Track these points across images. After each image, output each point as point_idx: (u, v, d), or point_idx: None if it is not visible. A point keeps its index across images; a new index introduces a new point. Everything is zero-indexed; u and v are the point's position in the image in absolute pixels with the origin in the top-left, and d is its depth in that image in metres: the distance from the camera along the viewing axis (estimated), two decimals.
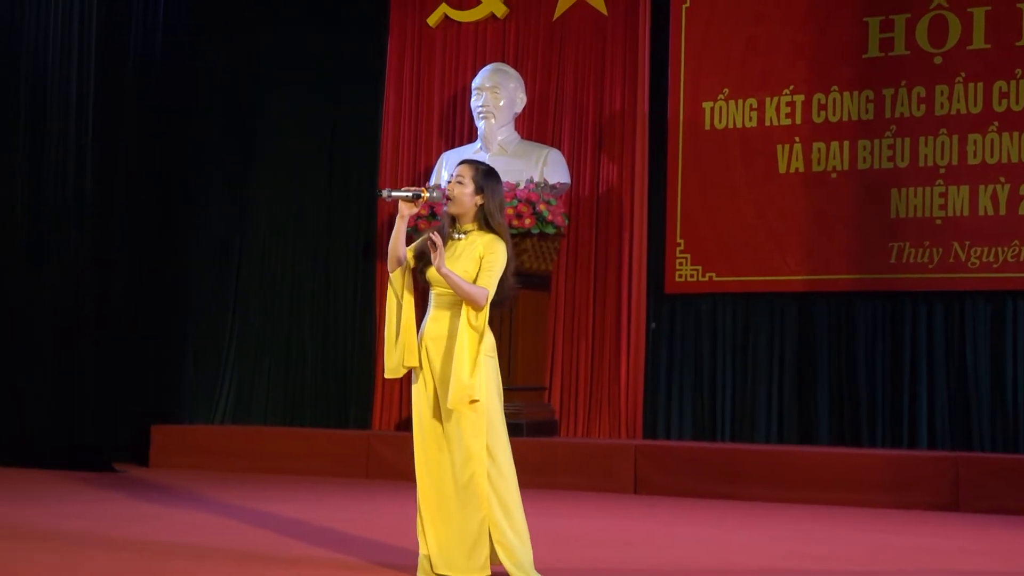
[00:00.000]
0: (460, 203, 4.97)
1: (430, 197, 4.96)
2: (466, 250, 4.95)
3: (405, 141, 10.84)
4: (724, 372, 9.79)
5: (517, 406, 9.33)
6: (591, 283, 10.17)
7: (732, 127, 9.82)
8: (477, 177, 4.99)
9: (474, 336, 4.83)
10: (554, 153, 9.90)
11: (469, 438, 4.87)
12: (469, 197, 4.97)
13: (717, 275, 9.81)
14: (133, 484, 8.78)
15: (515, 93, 9.96)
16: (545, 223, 9.39)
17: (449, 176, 5.02)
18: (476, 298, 4.83)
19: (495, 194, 5.01)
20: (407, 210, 4.95)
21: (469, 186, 4.97)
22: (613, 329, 10.04)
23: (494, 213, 4.98)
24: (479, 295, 4.83)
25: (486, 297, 4.84)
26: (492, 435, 4.94)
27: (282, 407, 11.14)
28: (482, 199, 4.98)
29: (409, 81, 10.90)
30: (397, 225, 4.96)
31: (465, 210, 4.98)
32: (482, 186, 4.98)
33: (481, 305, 4.83)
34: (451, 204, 4.98)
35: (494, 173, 5.08)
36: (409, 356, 4.94)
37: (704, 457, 8.85)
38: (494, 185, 5.02)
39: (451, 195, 4.98)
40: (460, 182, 4.99)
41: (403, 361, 4.96)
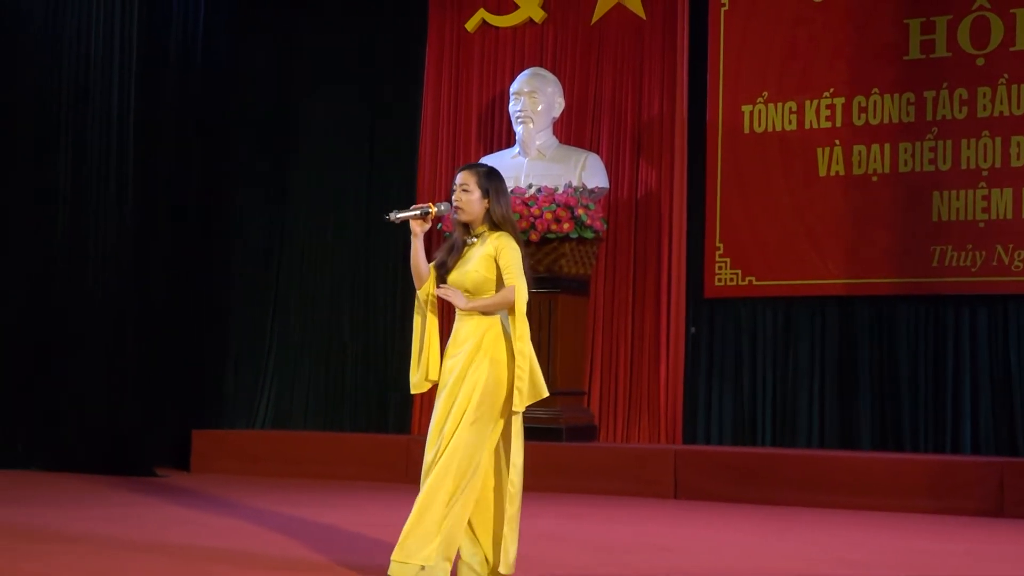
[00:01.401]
0: (470, 211, 4.98)
1: (438, 211, 4.98)
2: (475, 251, 4.98)
3: (443, 146, 10.86)
4: (764, 376, 9.73)
5: (556, 411, 9.37)
6: (630, 288, 10.15)
7: (771, 130, 9.79)
8: (481, 181, 5.00)
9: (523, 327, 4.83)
10: (592, 157, 9.89)
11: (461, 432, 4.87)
12: (477, 203, 4.98)
13: (757, 279, 9.77)
14: (175, 489, 8.81)
15: (553, 97, 9.95)
16: (584, 227, 9.38)
17: (453, 187, 5.04)
18: (507, 300, 4.86)
19: (500, 193, 5.02)
20: (418, 228, 4.99)
21: (475, 192, 4.97)
22: (652, 333, 10.01)
23: (500, 211, 4.99)
24: (507, 294, 4.86)
25: (514, 293, 4.85)
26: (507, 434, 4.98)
27: (322, 412, 11.16)
28: (489, 201, 4.98)
29: (447, 86, 10.92)
30: (412, 244, 5.00)
31: (475, 215, 4.99)
32: (487, 188, 4.99)
33: (514, 302, 4.85)
34: (461, 214, 4.99)
35: (496, 173, 5.09)
36: (433, 370, 5.01)
37: (744, 462, 8.81)
38: (498, 184, 5.04)
39: (459, 205, 4.98)
40: (466, 190, 4.98)
41: (427, 375, 5.02)
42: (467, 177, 5.01)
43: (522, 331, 4.84)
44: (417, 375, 5.03)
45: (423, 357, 5.01)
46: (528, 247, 9.22)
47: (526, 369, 4.84)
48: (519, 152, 9.95)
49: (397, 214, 4.96)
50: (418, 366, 5.03)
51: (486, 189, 4.98)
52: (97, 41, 10.11)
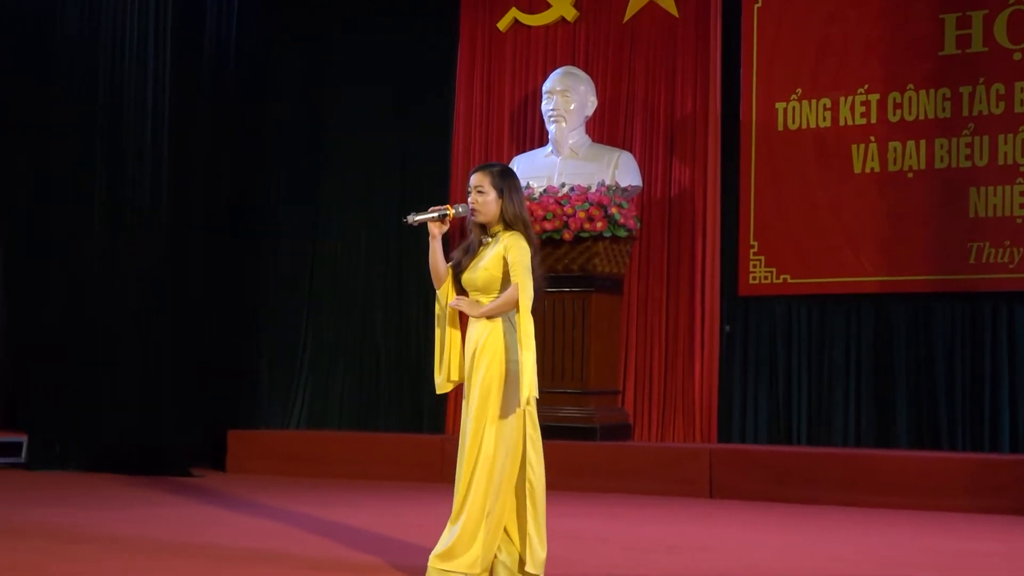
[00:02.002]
0: (486, 211, 4.95)
1: (456, 213, 4.96)
2: (487, 250, 4.96)
3: (476, 145, 10.87)
4: (800, 375, 9.69)
5: (590, 410, 9.39)
6: (664, 286, 10.12)
7: (806, 127, 9.74)
8: (495, 181, 4.96)
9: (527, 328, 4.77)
10: (625, 156, 9.87)
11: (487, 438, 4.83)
12: (493, 203, 4.95)
13: (791, 277, 9.72)
14: (210, 489, 8.84)
15: (586, 96, 9.93)
16: (617, 226, 9.37)
17: (469, 189, 5.01)
18: (512, 299, 4.81)
19: (514, 191, 4.98)
20: (436, 230, 4.97)
21: (490, 193, 4.94)
22: (686, 332, 9.98)
23: (513, 210, 4.94)
24: (512, 293, 4.81)
25: (517, 292, 4.79)
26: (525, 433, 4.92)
27: (356, 412, 11.17)
28: (503, 200, 4.95)
29: (480, 85, 10.93)
30: (431, 246, 4.98)
31: (492, 216, 4.96)
32: (501, 188, 4.95)
33: (518, 300, 4.78)
34: (478, 215, 4.96)
35: (509, 171, 5.07)
36: (455, 371, 5.01)
37: (780, 461, 8.76)
38: (512, 183, 5.00)
39: (476, 207, 4.96)
40: (481, 191, 4.95)
41: (449, 376, 5.02)
42: (481, 179, 4.98)
43: (526, 328, 4.78)
44: (440, 376, 5.04)
45: (445, 358, 5.02)
46: (561, 246, 9.39)
47: (527, 364, 4.74)
48: (552, 151, 9.94)
49: (415, 216, 4.95)
50: (441, 366, 5.03)
51: (500, 189, 4.95)
52: (131, 45, 10.18)
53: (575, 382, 9.49)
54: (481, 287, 4.94)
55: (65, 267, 10.28)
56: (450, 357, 5.00)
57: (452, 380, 5.02)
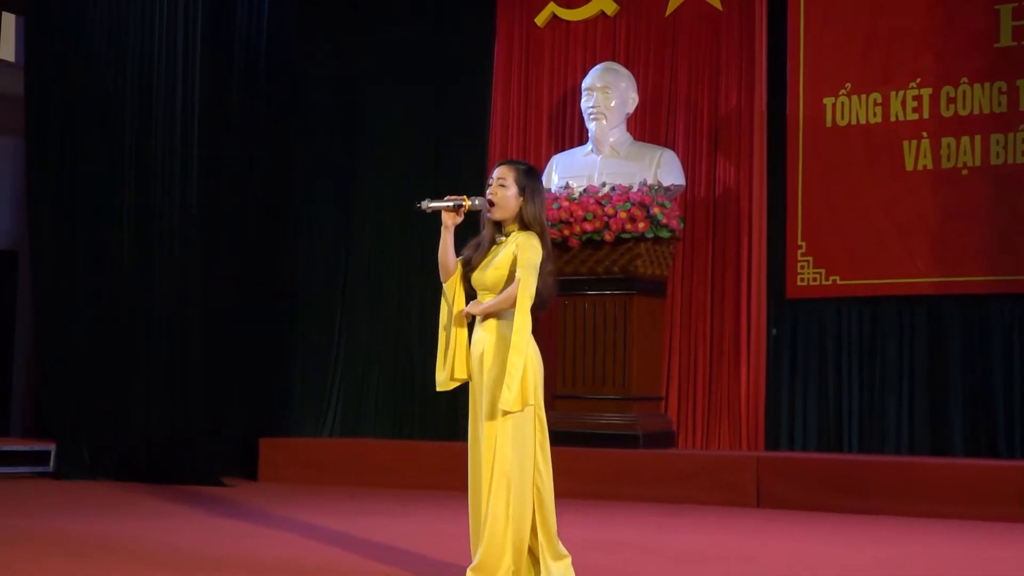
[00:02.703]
0: (505, 207, 4.91)
1: (472, 206, 4.93)
2: (501, 250, 4.93)
3: (513, 143, 10.88)
4: (850, 380, 9.63)
5: (633, 417, 9.39)
6: (708, 288, 10.10)
7: (855, 123, 9.68)
8: (519, 178, 4.93)
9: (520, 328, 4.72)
10: (668, 154, 9.84)
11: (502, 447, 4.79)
12: (513, 199, 4.91)
13: (841, 278, 9.67)
14: (242, 499, 8.87)
15: (627, 93, 9.91)
16: (660, 227, 9.34)
17: (489, 181, 4.98)
18: (512, 297, 4.77)
19: (536, 193, 4.95)
20: (450, 220, 4.93)
21: (512, 188, 4.91)
22: (732, 336, 9.95)
23: (532, 212, 4.92)
24: (512, 291, 4.77)
25: (518, 286, 4.75)
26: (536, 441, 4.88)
27: (391, 419, 11.17)
28: (524, 199, 4.92)
29: (517, 82, 10.95)
30: (443, 236, 4.95)
31: (509, 213, 4.93)
32: (524, 186, 4.92)
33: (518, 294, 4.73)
34: (496, 210, 4.92)
35: (535, 172, 5.04)
36: (460, 369, 4.97)
37: (830, 469, 8.70)
38: (535, 184, 4.97)
39: (495, 200, 4.91)
40: (503, 185, 4.92)
41: (453, 374, 4.97)
42: (505, 172, 4.95)
43: (520, 325, 4.72)
44: (443, 373, 5.00)
45: (449, 355, 4.98)
46: (602, 248, 9.42)
47: (518, 366, 4.68)
48: (592, 150, 9.93)
49: (429, 203, 4.90)
50: (444, 364, 4.99)
51: (523, 187, 4.92)
52: (161, 44, 10.22)
53: (617, 388, 9.49)
54: (490, 287, 4.92)
55: (95, 273, 10.33)
56: (455, 354, 4.97)
57: (456, 379, 4.98)
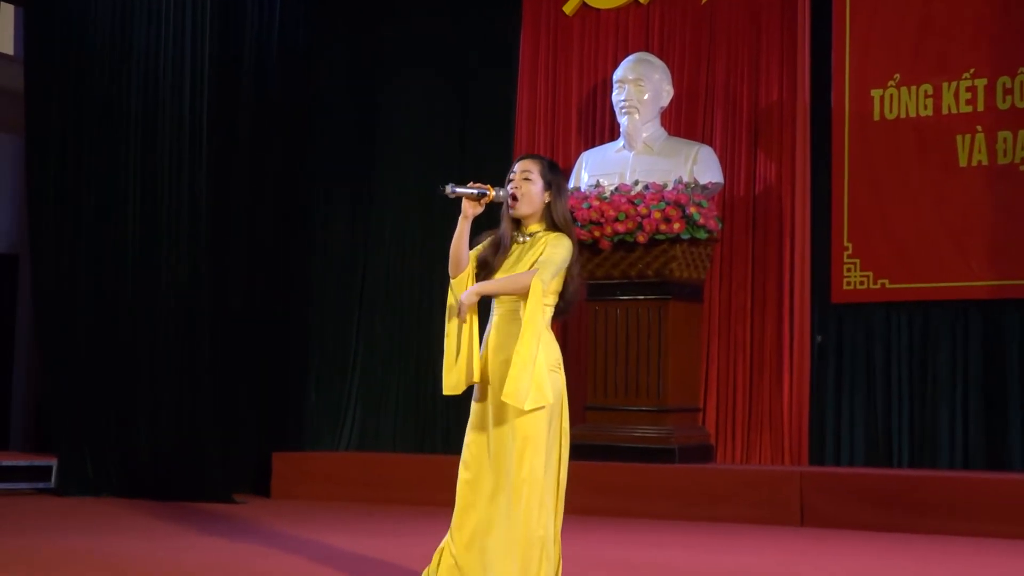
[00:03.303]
0: (530, 201, 4.87)
1: (496, 197, 4.84)
2: (527, 252, 4.88)
3: (541, 140, 10.85)
4: (900, 390, 9.57)
5: (668, 430, 9.35)
6: (748, 293, 10.06)
7: (905, 116, 9.63)
8: (545, 172, 4.91)
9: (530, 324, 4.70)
10: (705, 150, 9.80)
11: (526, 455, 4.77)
12: (539, 194, 4.87)
13: (890, 282, 9.62)
14: (254, 517, 8.87)
15: (660, 85, 9.88)
16: (696, 227, 9.31)
17: (510, 175, 4.93)
18: (523, 282, 4.75)
19: (562, 190, 4.95)
20: (471, 210, 4.86)
21: (538, 182, 4.87)
22: (774, 343, 9.91)
23: (561, 210, 4.92)
24: (526, 278, 4.74)
25: (532, 277, 4.72)
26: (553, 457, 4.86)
27: (412, 432, 11.15)
28: (550, 196, 4.90)
29: (544, 75, 10.93)
30: (460, 226, 4.88)
31: (534, 209, 4.89)
32: (550, 181, 4.91)
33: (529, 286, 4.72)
34: (520, 204, 4.87)
35: (558, 167, 5.04)
36: (471, 372, 4.91)
37: (878, 485, 8.65)
38: (561, 180, 4.97)
39: (520, 193, 4.87)
40: (528, 178, 4.87)
41: (464, 378, 4.91)
42: (530, 165, 4.92)
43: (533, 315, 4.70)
44: (454, 375, 4.92)
45: (463, 356, 4.90)
46: (634, 250, 9.40)
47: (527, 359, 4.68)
48: (624, 145, 9.90)
49: (454, 188, 4.84)
50: (455, 364, 4.91)
51: (549, 182, 4.90)
52: (167, 35, 10.23)
53: (651, 398, 9.44)
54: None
55: (98, 277, 10.36)
56: (471, 355, 4.89)
57: (472, 382, 4.92)
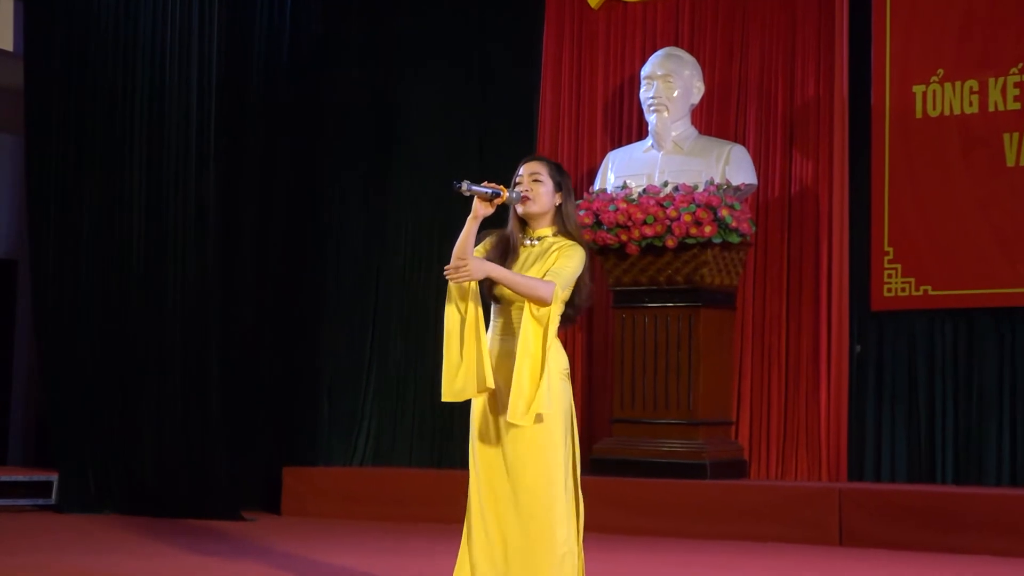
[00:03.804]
0: (540, 202, 5.04)
1: (509, 198, 4.99)
2: (540, 257, 4.99)
3: (565, 139, 10.85)
4: (944, 402, 9.53)
5: (699, 444, 9.36)
6: (783, 300, 10.03)
7: (949, 114, 9.60)
8: (554, 174, 5.09)
9: (538, 331, 4.83)
10: (737, 149, 9.79)
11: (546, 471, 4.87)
12: (549, 196, 5.06)
13: (933, 288, 9.59)
14: (263, 534, 8.87)
15: (691, 81, 9.87)
16: (728, 231, 9.30)
17: (517, 177, 5.07)
18: (539, 291, 4.83)
19: (571, 193, 5.14)
20: (482, 210, 4.96)
21: (548, 183, 5.06)
22: (810, 353, 9.88)
23: (572, 214, 5.09)
24: (544, 288, 4.82)
25: (552, 291, 4.82)
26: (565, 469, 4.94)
27: (429, 447, 11.13)
28: (560, 198, 5.08)
29: (569, 71, 10.91)
30: (468, 226, 4.96)
31: (544, 210, 5.06)
32: (560, 183, 5.09)
33: (547, 299, 4.82)
34: (530, 204, 5.03)
35: (564, 170, 5.19)
36: (479, 379, 4.96)
37: (921, 503, 8.62)
38: (569, 182, 5.14)
39: (531, 195, 5.02)
40: (538, 180, 5.04)
41: (477, 384, 4.96)
42: (538, 166, 5.08)
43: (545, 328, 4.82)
44: (457, 382, 4.99)
45: (464, 362, 4.97)
46: (663, 255, 9.43)
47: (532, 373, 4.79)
48: (652, 145, 9.89)
49: (469, 186, 4.92)
50: (458, 372, 4.99)
51: (558, 183, 5.08)
52: (174, 29, 10.27)
53: (681, 411, 9.45)
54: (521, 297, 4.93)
55: (101, 286, 10.39)
56: (482, 360, 4.95)
57: (486, 387, 4.95)
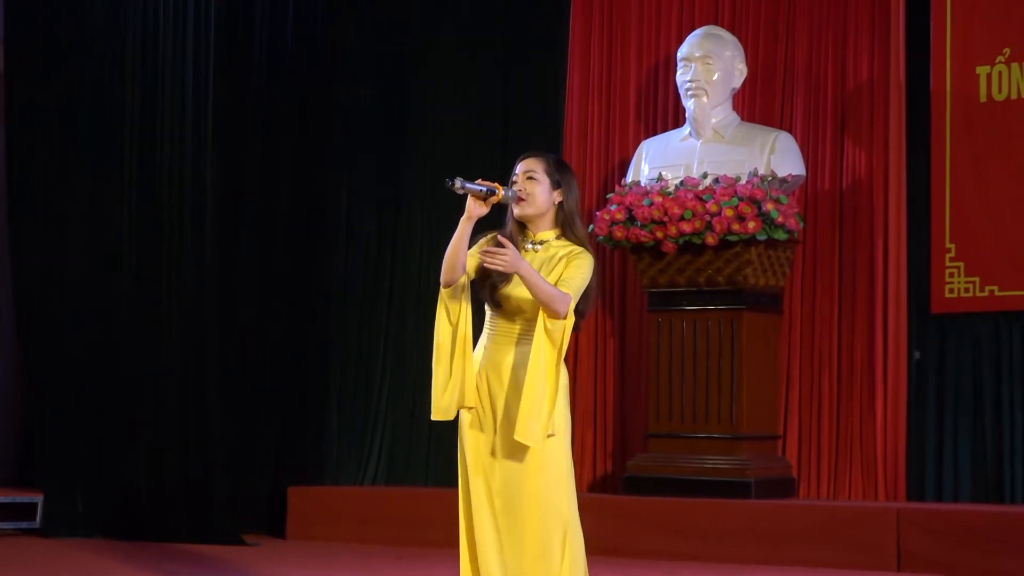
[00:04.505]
0: (535, 203, 5.09)
1: (504, 196, 5.06)
2: (545, 265, 5.03)
3: (594, 127, 10.80)
4: (1012, 413, 9.45)
5: (743, 460, 9.34)
6: (835, 302, 9.98)
7: (1016, 97, 9.56)
8: (551, 170, 5.13)
9: (551, 352, 4.88)
10: (784, 137, 9.73)
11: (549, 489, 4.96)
12: (546, 194, 5.10)
13: (1000, 288, 9.54)
14: (267, 560, 8.87)
15: (732, 63, 9.81)
16: (774, 227, 9.24)
17: (513, 174, 5.17)
18: (558, 304, 4.85)
19: (572, 190, 5.15)
20: (476, 210, 5.00)
21: (544, 181, 5.11)
22: (865, 360, 9.82)
23: (575, 215, 5.13)
24: (561, 301, 4.85)
25: (568, 306, 4.87)
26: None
27: (448, 464, 10.96)
28: (560, 196, 5.12)
29: (598, 53, 10.86)
30: (461, 227, 5.00)
31: (541, 211, 5.11)
32: (558, 180, 5.13)
33: (561, 313, 4.87)
34: (524, 205, 5.09)
35: (567, 166, 5.25)
36: (469, 393, 5.02)
37: (987, 524, 8.55)
38: (570, 180, 5.17)
39: (524, 194, 5.08)
40: (532, 177, 5.10)
41: (459, 400, 5.00)
42: (534, 163, 5.13)
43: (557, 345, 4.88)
44: (445, 398, 5.01)
45: (456, 376, 5.00)
46: (703, 253, 9.42)
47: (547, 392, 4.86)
48: (690, 133, 9.85)
49: (463, 183, 4.97)
50: (447, 386, 5.01)
51: (557, 181, 5.12)
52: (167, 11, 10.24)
53: (723, 425, 9.41)
54: (531, 312, 4.96)
55: (90, 291, 10.39)
56: (465, 375, 5.00)
57: (466, 406, 5.01)
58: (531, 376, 4.84)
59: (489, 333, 5.10)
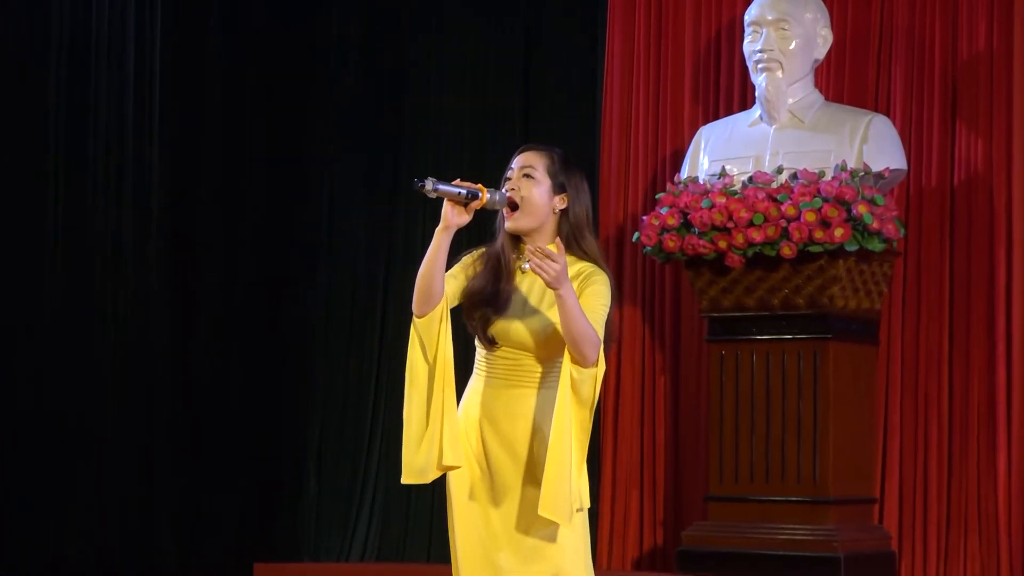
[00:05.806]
0: (532, 210, 4.93)
1: (490, 201, 4.87)
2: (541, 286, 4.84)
3: (641, 111, 10.48)
4: None
5: (830, 530, 9.02)
6: (946, 329, 9.55)
7: None
8: (554, 169, 4.97)
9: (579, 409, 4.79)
10: (879, 122, 9.34)
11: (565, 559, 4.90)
12: (545, 199, 4.94)
13: None
14: None
15: (814, 28, 9.46)
16: (867, 235, 8.85)
17: (508, 170, 5.03)
18: (589, 347, 4.71)
19: (581, 194, 5.03)
20: (454, 218, 4.84)
21: (544, 182, 4.95)
22: (984, 403, 9.38)
23: (583, 225, 5.01)
24: (595, 344, 4.72)
25: (599, 351, 4.76)
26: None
27: None
28: (564, 202, 4.97)
29: (644, 17, 10.55)
30: (436, 239, 4.85)
31: (540, 221, 4.96)
32: (563, 183, 4.98)
33: (591, 359, 4.73)
34: (517, 215, 4.94)
35: (574, 163, 5.08)
36: (449, 452, 4.86)
37: None
38: (579, 182, 5.04)
39: (518, 197, 4.93)
40: (529, 175, 4.94)
41: (437, 460, 4.85)
42: (533, 159, 4.98)
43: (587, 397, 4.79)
44: (420, 457, 4.88)
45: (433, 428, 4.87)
46: (777, 268, 9.11)
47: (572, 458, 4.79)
48: (760, 117, 9.48)
49: (436, 184, 4.82)
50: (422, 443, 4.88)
51: (561, 184, 4.96)
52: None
53: (804, 485, 9.08)
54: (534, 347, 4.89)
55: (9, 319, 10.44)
56: (445, 427, 4.87)
57: (443, 466, 4.88)
58: (556, 438, 4.72)
59: (483, 376, 5.01)
